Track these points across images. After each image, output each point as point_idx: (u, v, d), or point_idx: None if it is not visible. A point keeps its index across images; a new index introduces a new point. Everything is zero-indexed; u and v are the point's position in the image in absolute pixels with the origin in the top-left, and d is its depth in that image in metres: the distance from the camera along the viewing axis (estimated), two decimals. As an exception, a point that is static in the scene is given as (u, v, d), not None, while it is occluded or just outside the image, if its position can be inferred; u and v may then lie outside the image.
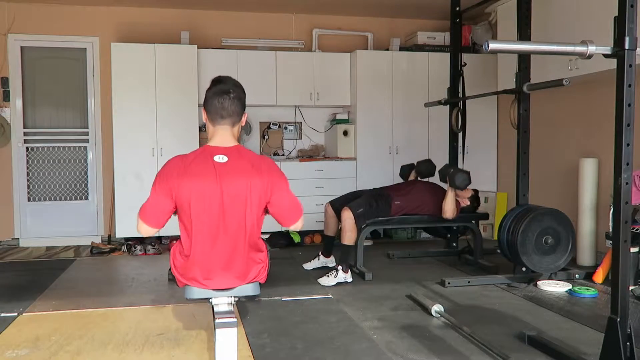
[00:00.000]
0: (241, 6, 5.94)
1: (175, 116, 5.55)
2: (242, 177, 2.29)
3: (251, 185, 2.29)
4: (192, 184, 2.25)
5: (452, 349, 2.70)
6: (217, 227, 2.30)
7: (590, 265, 4.48)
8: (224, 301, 2.46)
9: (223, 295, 2.42)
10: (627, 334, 2.21)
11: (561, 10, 4.46)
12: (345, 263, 4.01)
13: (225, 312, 2.41)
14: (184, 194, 2.25)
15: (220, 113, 2.35)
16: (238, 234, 2.33)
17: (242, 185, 2.29)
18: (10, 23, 5.65)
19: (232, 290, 2.41)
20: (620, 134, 2.21)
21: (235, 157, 2.32)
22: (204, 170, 2.27)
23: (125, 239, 5.57)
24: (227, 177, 2.28)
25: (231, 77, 2.49)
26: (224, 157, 2.31)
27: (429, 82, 6.01)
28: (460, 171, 4.30)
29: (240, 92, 2.42)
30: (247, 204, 2.30)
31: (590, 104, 4.75)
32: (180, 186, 2.25)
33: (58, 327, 3.03)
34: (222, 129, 2.37)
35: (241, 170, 2.30)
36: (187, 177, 2.25)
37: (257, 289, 2.48)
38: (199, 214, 2.27)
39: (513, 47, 2.52)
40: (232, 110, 2.36)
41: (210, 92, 2.39)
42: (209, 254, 2.33)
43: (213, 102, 2.36)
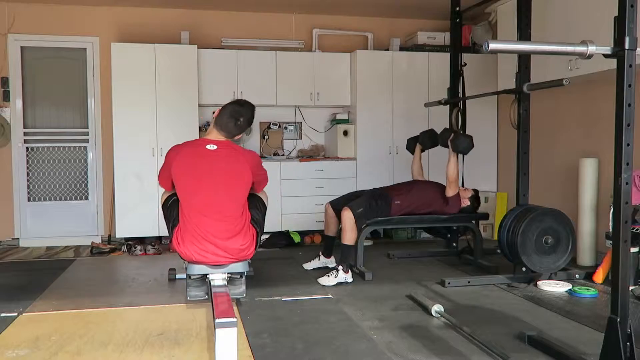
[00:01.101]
0: (241, 6, 5.94)
1: (175, 116, 5.56)
2: (231, 161, 3.02)
3: (241, 168, 3.02)
4: (182, 164, 2.98)
5: (452, 349, 2.70)
6: (207, 202, 2.96)
7: (590, 265, 4.48)
8: (219, 277, 3.11)
9: (218, 271, 3.09)
10: (627, 334, 2.21)
11: (561, 10, 4.46)
12: (345, 263, 4.01)
13: (220, 285, 3.08)
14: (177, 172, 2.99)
15: (223, 128, 3.09)
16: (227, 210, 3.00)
17: (231, 168, 3.00)
18: (10, 23, 5.65)
19: (226, 267, 3.08)
20: (620, 134, 2.21)
21: (224, 147, 3.06)
22: (194, 154, 3.00)
23: (125, 239, 5.57)
24: (216, 160, 2.98)
25: (252, 106, 3.19)
26: (214, 146, 3.03)
27: (429, 82, 6.01)
28: (463, 135, 4.28)
29: (247, 124, 3.13)
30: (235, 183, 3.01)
31: (590, 104, 4.75)
32: (174, 165, 2.99)
33: (58, 327, 3.03)
34: (219, 133, 3.12)
35: (231, 156, 3.03)
36: (179, 158, 2.99)
37: (246, 266, 3.17)
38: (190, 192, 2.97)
39: (513, 47, 2.52)
40: (232, 133, 3.11)
41: (228, 109, 3.09)
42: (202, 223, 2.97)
43: (223, 117, 3.08)
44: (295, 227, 5.77)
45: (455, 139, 4.31)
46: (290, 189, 5.78)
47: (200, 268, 3.09)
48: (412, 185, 4.55)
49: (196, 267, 3.09)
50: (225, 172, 3.00)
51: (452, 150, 4.32)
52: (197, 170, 2.97)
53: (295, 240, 5.60)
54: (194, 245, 3.02)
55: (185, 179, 2.98)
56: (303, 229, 5.78)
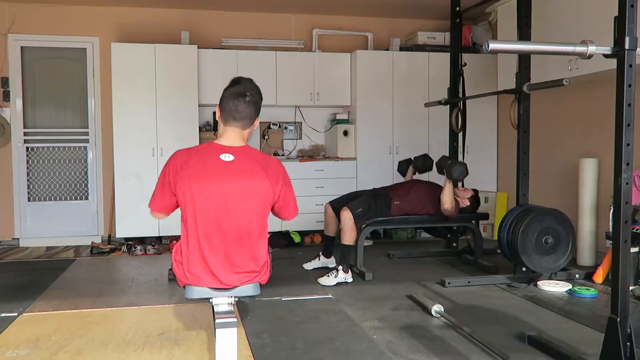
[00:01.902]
0: (241, 6, 5.94)
1: (175, 116, 5.56)
2: (249, 177, 2.29)
3: (260, 186, 2.30)
4: (192, 181, 2.25)
5: (452, 349, 2.70)
6: (218, 225, 2.28)
7: (590, 265, 4.48)
8: (224, 301, 2.43)
9: (223, 295, 2.40)
10: (627, 334, 2.21)
11: (561, 10, 4.46)
12: (345, 263, 4.01)
13: (225, 312, 2.38)
14: (183, 190, 2.26)
15: (233, 115, 2.37)
16: (241, 235, 2.31)
17: (249, 185, 2.29)
18: (11, 23, 5.65)
19: (233, 290, 2.37)
20: (621, 134, 2.21)
21: (242, 157, 2.32)
22: (206, 168, 2.27)
23: (126, 239, 5.57)
24: (233, 176, 2.27)
25: (251, 79, 2.51)
26: (230, 156, 2.30)
27: (429, 82, 6.01)
28: (458, 163, 4.29)
29: (257, 97, 2.45)
30: (253, 203, 2.30)
31: (590, 104, 4.75)
32: (180, 182, 2.26)
33: (58, 327, 3.03)
34: (232, 129, 2.39)
35: (248, 170, 2.30)
36: (187, 174, 2.26)
37: (257, 289, 2.45)
38: (200, 212, 2.27)
39: (513, 47, 2.52)
40: (245, 114, 2.39)
41: (227, 92, 2.41)
42: (210, 253, 2.30)
43: (228, 103, 2.38)
44: (295, 227, 5.77)
45: (449, 166, 4.29)
46: (290, 188, 5.77)
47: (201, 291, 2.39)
48: (412, 186, 4.54)
49: (196, 289, 2.38)
50: (239, 190, 2.28)
51: (447, 177, 4.31)
52: (209, 187, 2.26)
53: (295, 240, 5.60)
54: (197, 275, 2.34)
55: (192, 199, 2.27)
56: (303, 229, 5.78)
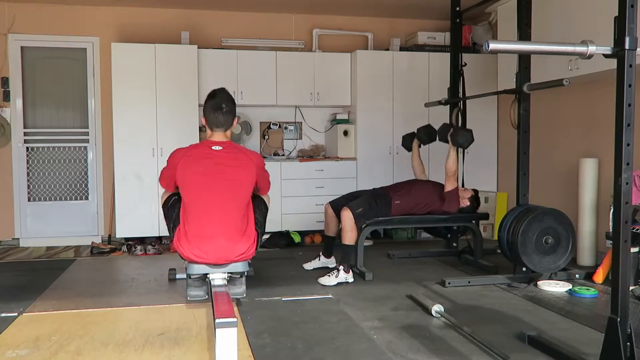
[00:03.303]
0: (241, 6, 5.94)
1: (175, 116, 5.56)
2: (236, 162, 3.08)
3: (246, 168, 3.09)
4: (189, 165, 3.05)
5: (452, 349, 2.70)
6: (212, 201, 3.00)
7: (590, 265, 4.48)
8: (219, 276, 3.11)
9: (218, 271, 3.09)
10: (627, 334, 2.21)
11: (561, 10, 4.46)
12: (346, 263, 4.01)
13: (220, 285, 3.06)
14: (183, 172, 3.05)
15: (216, 124, 3.17)
16: (231, 209, 3.04)
17: (236, 168, 3.06)
18: (11, 23, 5.66)
19: (226, 266, 3.08)
20: (621, 134, 2.21)
21: (228, 148, 3.14)
22: (201, 155, 3.07)
23: (126, 239, 5.57)
24: (221, 160, 3.06)
25: (224, 89, 3.23)
26: (219, 147, 3.11)
27: (429, 82, 6.01)
28: (464, 129, 4.28)
29: (231, 106, 3.17)
30: (240, 182, 3.06)
31: (590, 104, 4.75)
32: (180, 166, 3.06)
33: (58, 327, 3.03)
34: (218, 132, 3.20)
35: (235, 156, 3.10)
36: (186, 160, 3.06)
37: (246, 266, 3.14)
38: (197, 188, 3.02)
39: (513, 47, 2.52)
40: (225, 121, 3.17)
41: (207, 106, 3.16)
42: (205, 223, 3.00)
43: (209, 116, 3.16)
44: (296, 227, 5.77)
45: (455, 132, 4.31)
46: (290, 189, 5.78)
47: (200, 267, 3.09)
48: (412, 185, 4.55)
49: (196, 266, 3.09)
50: (229, 172, 3.06)
51: (451, 144, 4.32)
52: (203, 170, 3.04)
53: (296, 240, 5.60)
54: (195, 245, 3.03)
55: (190, 179, 3.04)
56: (303, 229, 5.78)
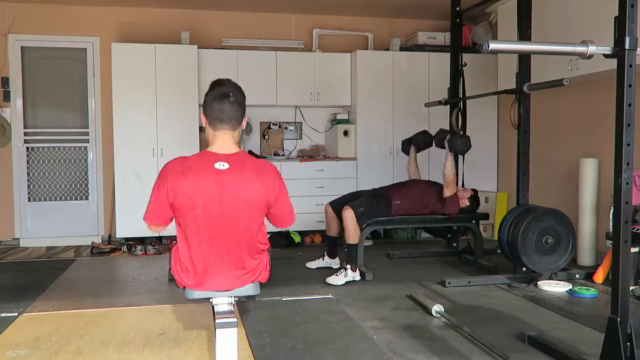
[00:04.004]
0: (241, 6, 5.94)
1: (175, 116, 5.56)
2: (244, 185, 2.28)
3: (255, 193, 2.29)
4: (188, 190, 2.23)
5: (452, 349, 2.70)
6: (216, 233, 2.29)
7: (590, 265, 4.48)
8: (224, 301, 2.45)
9: (223, 295, 2.41)
10: (627, 334, 2.21)
11: (561, 10, 4.46)
12: (353, 262, 4.03)
13: (225, 312, 2.40)
14: (181, 199, 2.24)
15: (220, 117, 2.31)
16: (238, 240, 2.34)
17: (244, 193, 2.27)
18: (11, 23, 5.65)
19: (233, 290, 2.40)
20: (621, 134, 2.21)
21: (237, 165, 2.29)
22: (201, 177, 2.24)
23: (126, 239, 5.57)
24: (228, 184, 2.25)
25: (230, 79, 2.46)
26: (224, 164, 2.27)
27: (429, 82, 6.01)
28: (461, 135, 4.29)
29: (240, 96, 2.39)
30: (249, 211, 2.30)
31: (590, 104, 4.75)
32: (177, 191, 2.23)
33: (58, 327, 3.03)
34: (222, 133, 2.34)
35: (244, 177, 2.28)
36: (184, 183, 2.23)
37: (257, 289, 2.47)
38: (196, 221, 2.27)
39: (513, 47, 2.52)
40: (232, 115, 2.33)
41: (210, 96, 2.35)
42: (207, 260, 2.33)
43: (212, 106, 2.33)
44: (296, 227, 5.75)
45: (452, 139, 4.31)
46: (290, 189, 5.57)
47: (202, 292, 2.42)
48: (412, 185, 4.55)
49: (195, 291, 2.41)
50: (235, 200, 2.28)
51: (448, 150, 4.33)
52: (202, 199, 2.25)
53: (296, 241, 5.60)
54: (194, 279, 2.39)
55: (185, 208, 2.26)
56: (303, 229, 5.77)
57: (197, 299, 2.44)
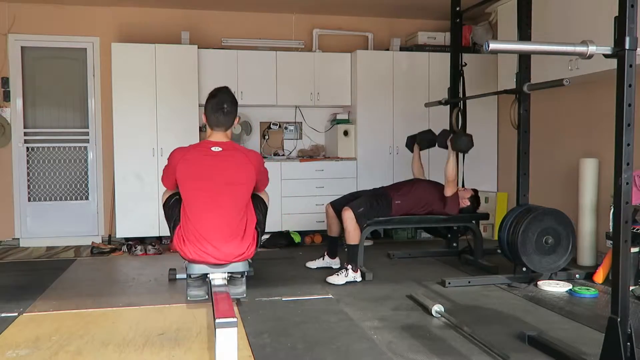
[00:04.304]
0: (241, 6, 5.94)
1: (175, 116, 5.56)
2: (235, 162, 3.06)
3: (244, 169, 3.08)
4: (189, 166, 3.04)
5: (452, 349, 2.70)
6: (212, 202, 3.00)
7: (590, 265, 4.48)
8: (219, 276, 3.12)
9: (218, 271, 3.10)
10: (627, 334, 2.21)
11: (561, 10, 4.46)
12: (354, 262, 4.03)
13: (220, 285, 3.07)
14: (183, 173, 3.04)
15: (216, 124, 3.16)
16: (231, 209, 3.04)
17: (235, 169, 3.05)
18: (11, 23, 5.66)
19: (226, 266, 3.08)
20: (621, 134, 2.21)
21: (228, 148, 3.11)
22: (200, 156, 3.06)
23: (126, 239, 5.57)
24: (221, 161, 3.04)
25: (226, 89, 3.21)
26: (218, 148, 3.09)
27: (429, 82, 6.01)
28: (463, 134, 4.28)
29: (233, 107, 3.16)
30: (240, 183, 3.06)
31: (591, 104, 4.75)
32: (181, 167, 3.05)
33: (58, 327, 3.03)
34: (218, 132, 3.18)
35: (234, 157, 3.08)
36: (186, 161, 3.05)
37: (247, 266, 3.15)
38: (195, 191, 3.02)
39: (513, 47, 2.52)
40: (225, 121, 3.16)
41: (209, 106, 3.15)
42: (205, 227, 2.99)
43: (210, 116, 3.15)
44: (296, 227, 5.77)
45: (455, 137, 4.32)
46: (290, 189, 5.78)
47: (201, 267, 3.09)
48: (412, 185, 4.55)
49: (196, 266, 3.09)
50: (229, 173, 3.05)
51: (451, 149, 4.33)
52: (202, 171, 3.03)
53: (296, 240, 5.60)
54: (195, 245, 3.03)
55: (190, 180, 3.04)
56: (303, 229, 5.78)
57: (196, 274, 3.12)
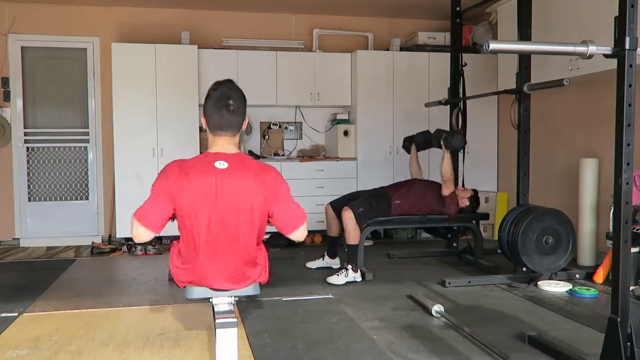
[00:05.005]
0: (241, 6, 5.94)
1: (175, 116, 5.56)
2: (243, 184, 2.24)
3: (254, 192, 2.25)
4: (191, 189, 2.20)
5: (452, 349, 2.70)
6: (216, 233, 2.25)
7: (590, 265, 4.47)
8: (225, 301, 2.44)
9: (223, 295, 2.40)
10: (627, 334, 2.21)
11: (561, 10, 4.46)
12: (354, 262, 4.04)
13: (225, 311, 2.39)
14: (184, 199, 2.20)
15: (221, 126, 2.29)
16: (237, 241, 2.29)
17: (242, 193, 2.23)
18: (11, 23, 5.65)
19: (233, 290, 2.38)
20: (621, 134, 2.21)
21: (236, 164, 2.26)
22: (204, 176, 2.21)
23: (126, 239, 5.57)
24: (227, 183, 2.22)
25: (231, 81, 2.41)
26: (224, 163, 2.24)
27: (429, 82, 6.01)
28: (456, 133, 4.29)
29: (241, 103, 2.34)
30: (247, 211, 2.25)
31: (591, 104, 4.75)
32: (180, 191, 2.20)
33: (58, 327, 3.03)
34: (223, 139, 2.32)
35: (242, 177, 2.24)
36: (187, 182, 2.20)
37: (257, 289, 2.46)
38: (198, 220, 2.22)
39: (513, 47, 2.52)
40: (233, 123, 2.30)
41: (210, 102, 2.30)
42: (207, 260, 2.29)
43: (212, 115, 2.29)
44: (296, 227, 5.76)
45: (447, 136, 4.33)
46: (290, 189, 5.75)
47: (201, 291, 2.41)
48: (412, 185, 4.54)
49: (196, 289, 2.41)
50: (237, 198, 2.24)
51: (445, 147, 4.34)
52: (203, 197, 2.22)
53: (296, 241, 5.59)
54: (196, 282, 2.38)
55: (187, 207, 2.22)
56: (303, 229, 5.77)
57: (197, 298, 2.43)
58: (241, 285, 2.38)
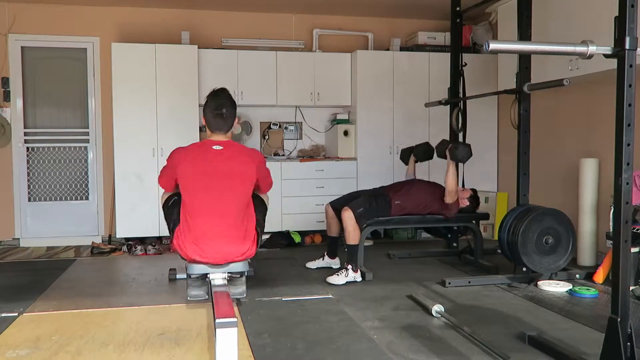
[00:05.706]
0: (241, 6, 5.94)
1: (175, 116, 5.56)
2: (237, 160, 3.05)
3: (245, 166, 3.06)
4: (191, 165, 3.01)
5: (452, 349, 2.70)
6: (212, 201, 2.97)
7: (590, 265, 4.47)
8: (219, 276, 3.11)
9: (218, 270, 3.08)
10: (627, 334, 2.21)
11: (561, 10, 4.46)
12: (354, 262, 4.04)
13: (220, 285, 3.08)
14: (184, 172, 3.02)
15: (216, 127, 3.13)
16: (233, 208, 3.01)
17: (237, 167, 3.03)
18: (11, 23, 5.66)
19: (226, 266, 3.06)
20: (621, 134, 2.21)
21: (229, 147, 3.10)
22: (202, 155, 3.04)
23: (126, 239, 5.57)
24: (222, 160, 3.02)
25: (224, 91, 3.17)
26: (219, 146, 3.07)
27: (429, 82, 6.01)
28: (462, 144, 4.27)
29: (232, 110, 3.13)
30: (241, 181, 3.04)
31: (591, 104, 4.75)
32: (181, 167, 3.02)
33: (58, 327, 3.03)
34: (218, 134, 3.16)
35: (236, 155, 3.07)
36: (187, 159, 3.04)
37: (246, 266, 3.15)
38: (196, 190, 2.99)
39: (513, 47, 2.52)
40: (225, 125, 3.13)
41: (208, 109, 3.12)
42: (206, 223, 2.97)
43: (210, 120, 3.12)
44: (296, 227, 5.77)
45: (453, 148, 4.29)
46: (290, 189, 5.78)
47: (200, 267, 3.07)
48: (412, 185, 4.54)
49: (196, 266, 3.07)
50: (230, 172, 3.02)
51: (450, 159, 4.31)
52: (202, 170, 3.00)
53: (296, 240, 5.60)
54: (195, 245, 3.00)
55: (190, 179, 3.01)
56: (303, 229, 5.78)
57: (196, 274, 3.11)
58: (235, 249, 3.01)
